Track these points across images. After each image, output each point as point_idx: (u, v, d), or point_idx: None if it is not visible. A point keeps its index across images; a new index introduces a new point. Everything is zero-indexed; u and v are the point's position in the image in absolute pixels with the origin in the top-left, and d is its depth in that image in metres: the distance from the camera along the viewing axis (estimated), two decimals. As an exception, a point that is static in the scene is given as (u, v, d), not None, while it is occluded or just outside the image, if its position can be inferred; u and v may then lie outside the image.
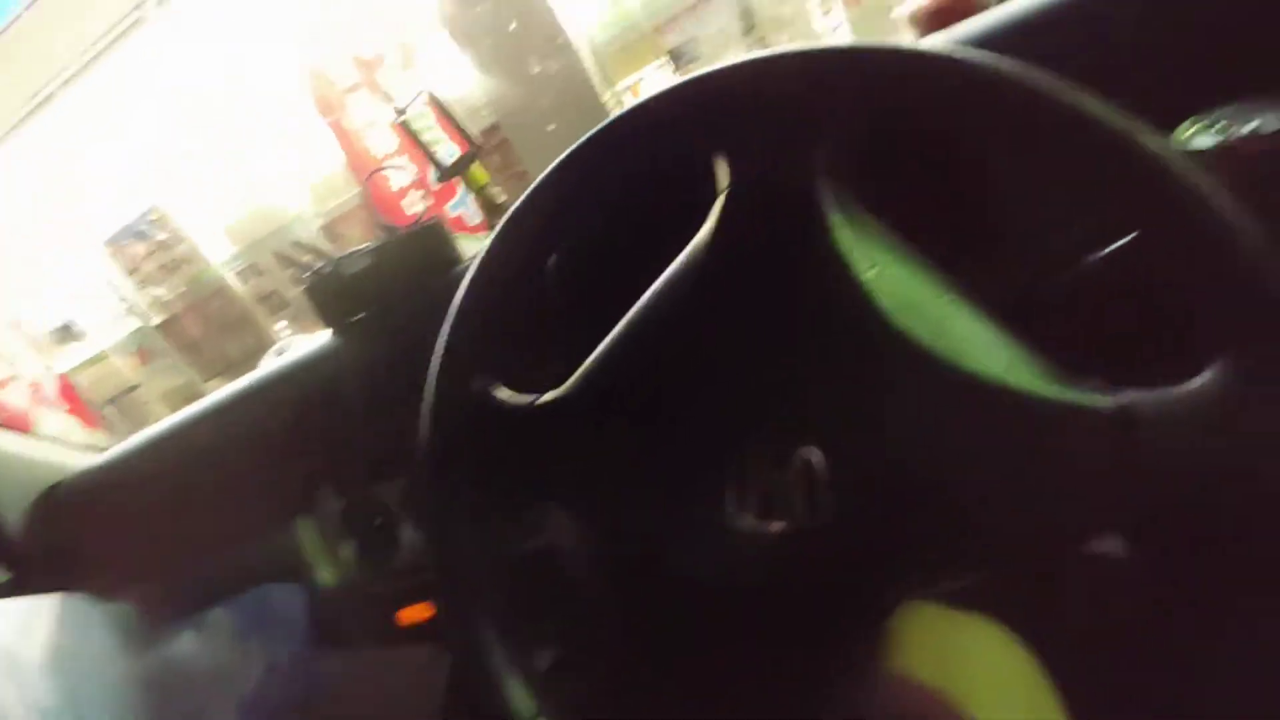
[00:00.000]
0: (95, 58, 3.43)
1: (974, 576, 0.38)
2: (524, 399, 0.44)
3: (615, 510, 0.43)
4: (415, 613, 0.76)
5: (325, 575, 0.78)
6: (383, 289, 0.77)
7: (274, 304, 4.88)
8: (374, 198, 3.04)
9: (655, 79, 3.26)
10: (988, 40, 0.58)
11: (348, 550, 0.79)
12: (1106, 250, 0.44)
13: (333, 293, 0.78)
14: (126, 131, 4.03)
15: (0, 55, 3.26)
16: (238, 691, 0.73)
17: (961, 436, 0.34)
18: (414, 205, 3.11)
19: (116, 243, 4.65)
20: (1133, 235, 0.40)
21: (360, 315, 0.79)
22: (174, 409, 1.03)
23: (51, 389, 4.27)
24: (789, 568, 0.38)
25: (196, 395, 1.18)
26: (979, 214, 0.47)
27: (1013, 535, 0.35)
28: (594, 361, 0.41)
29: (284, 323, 4.90)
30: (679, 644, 0.49)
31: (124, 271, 4.79)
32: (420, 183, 3.10)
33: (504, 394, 0.45)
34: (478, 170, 0.73)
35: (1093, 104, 0.32)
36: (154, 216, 4.56)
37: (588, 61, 3.00)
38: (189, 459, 0.89)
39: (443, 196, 2.96)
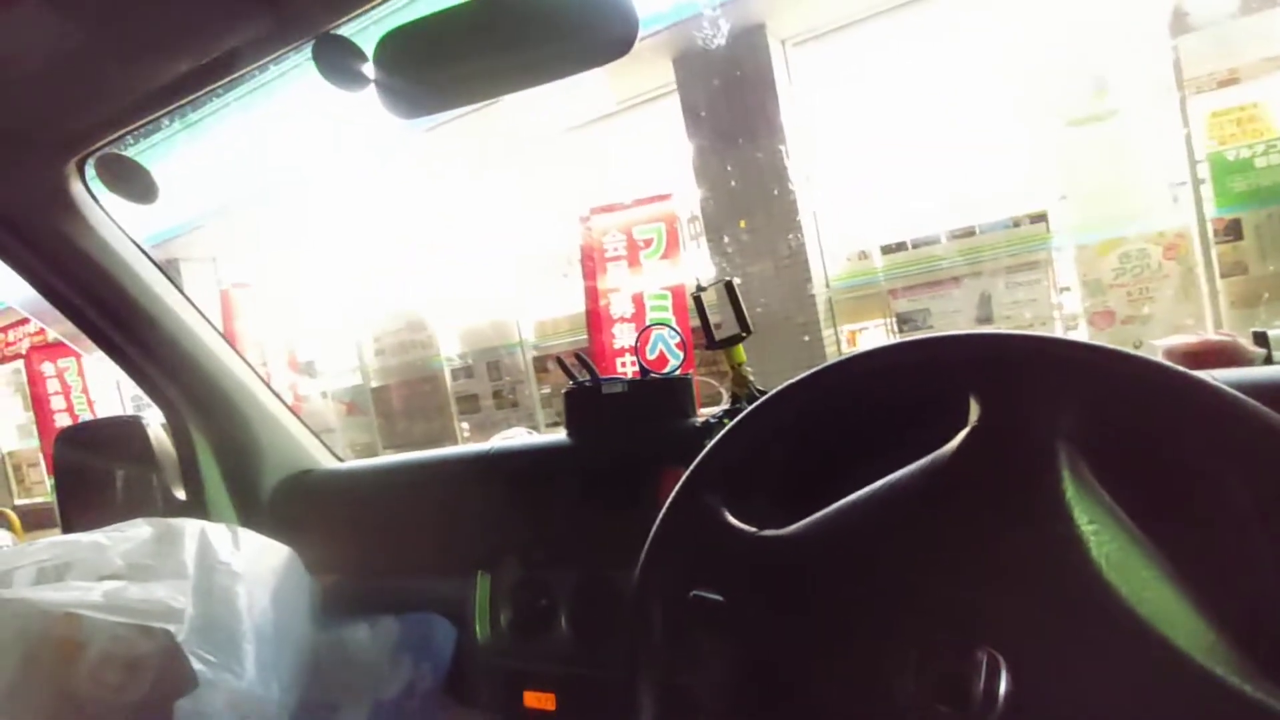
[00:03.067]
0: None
1: None
2: (748, 526, 0.53)
3: (799, 653, 0.48)
4: (540, 699, 0.82)
5: (481, 630, 0.87)
6: (628, 414, 0.91)
7: (468, 406, 5.46)
8: (596, 346, 3.43)
9: (874, 334, 3.47)
10: (1244, 389, 0.63)
11: (507, 618, 0.88)
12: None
13: (586, 403, 0.94)
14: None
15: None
16: (376, 694, 0.82)
17: (1144, 698, 0.37)
18: (625, 367, 3.44)
19: (376, 313, 5.57)
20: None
21: (600, 429, 0.93)
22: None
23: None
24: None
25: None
26: (1199, 527, 0.50)
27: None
28: (824, 516, 0.50)
29: (467, 424, 5.45)
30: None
31: (371, 337, 5.69)
32: (636, 349, 3.44)
33: (731, 518, 0.54)
34: (740, 350, 0.88)
35: None
36: (414, 303, 5.44)
37: (821, 300, 3.29)
38: (413, 489, 1.06)
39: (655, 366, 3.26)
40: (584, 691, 0.80)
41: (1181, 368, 0.43)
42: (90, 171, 0.96)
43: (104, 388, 6.57)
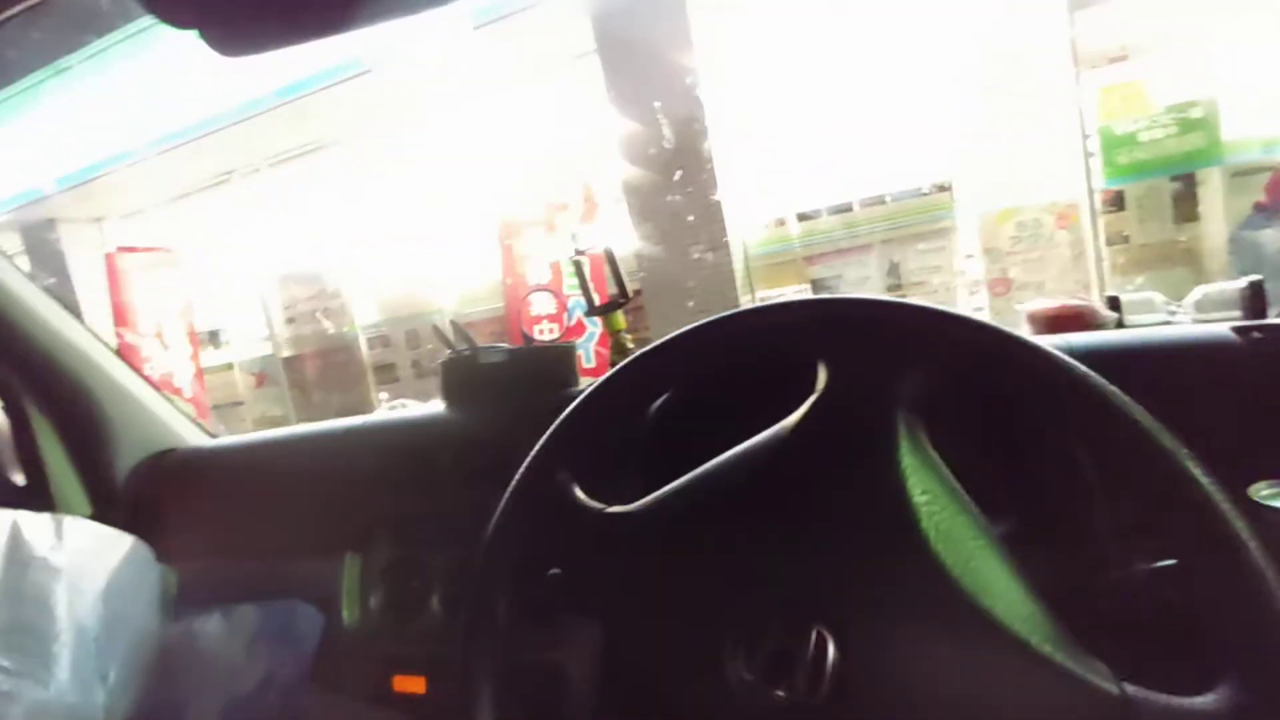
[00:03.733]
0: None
1: None
2: (596, 504, 0.50)
3: (637, 631, 0.47)
4: (410, 683, 0.78)
5: (349, 614, 0.82)
6: (505, 385, 0.87)
7: (385, 375, 5.27)
8: (512, 316, 3.35)
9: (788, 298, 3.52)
10: (1091, 355, 0.65)
11: (378, 599, 0.83)
12: (1150, 566, 0.47)
13: (464, 373, 0.90)
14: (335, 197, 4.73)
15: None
16: (231, 689, 0.76)
17: (964, 667, 0.37)
18: (544, 334, 3.39)
19: (287, 279, 5.27)
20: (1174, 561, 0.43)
21: (477, 400, 0.89)
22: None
23: (188, 378, 4.78)
24: (775, 737, 0.40)
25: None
26: (1040, 495, 0.51)
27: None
28: (667, 493, 0.48)
29: (386, 394, 5.26)
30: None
31: (280, 305, 5.39)
32: (555, 317, 3.39)
33: (580, 495, 0.51)
34: (619, 316, 0.85)
35: (1166, 437, 0.37)
36: (326, 269, 5.18)
37: (739, 265, 3.31)
38: (282, 469, 1.00)
39: (570, 334, 3.23)
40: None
41: (1021, 334, 0.43)
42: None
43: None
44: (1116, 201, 2.91)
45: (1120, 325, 0.78)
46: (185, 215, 5.25)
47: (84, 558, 0.72)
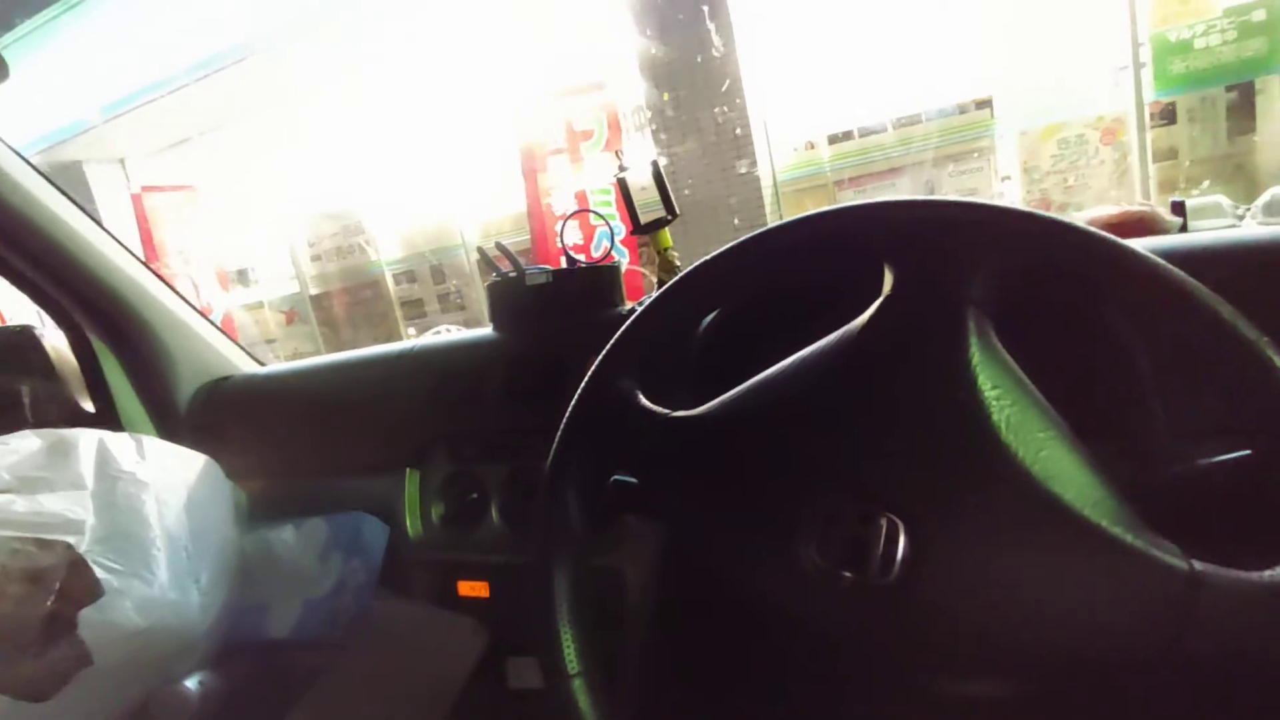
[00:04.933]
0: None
1: (999, 686, 0.41)
2: (660, 408, 0.52)
3: (706, 529, 0.49)
4: (473, 588, 0.83)
5: (411, 526, 0.86)
6: (552, 306, 0.88)
7: (413, 311, 5.32)
8: (538, 246, 3.33)
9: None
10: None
11: (438, 512, 0.87)
12: (1223, 457, 0.47)
13: (510, 296, 0.91)
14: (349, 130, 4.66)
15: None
16: (306, 593, 0.81)
17: (1035, 551, 0.38)
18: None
19: (310, 216, 5.27)
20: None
21: (524, 321, 0.90)
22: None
23: (218, 316, 4.87)
24: (843, 616, 0.42)
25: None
26: (1104, 392, 0.51)
27: (1054, 655, 0.38)
28: (734, 396, 0.49)
29: (413, 330, 5.33)
30: (717, 667, 0.52)
31: (306, 242, 5.41)
32: (582, 247, 3.37)
33: (643, 400, 0.53)
34: (666, 234, 0.85)
35: (1248, 326, 0.37)
36: (350, 205, 5.17)
37: (767, 189, 3.24)
38: (335, 393, 1.03)
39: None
40: (517, 579, 0.81)
41: (1092, 228, 0.42)
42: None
43: (16, 306, 6.17)
44: (1167, 114, 2.76)
45: (1185, 230, 0.76)
46: (208, 153, 5.23)
47: (164, 473, 0.76)
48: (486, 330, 0.94)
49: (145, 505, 0.69)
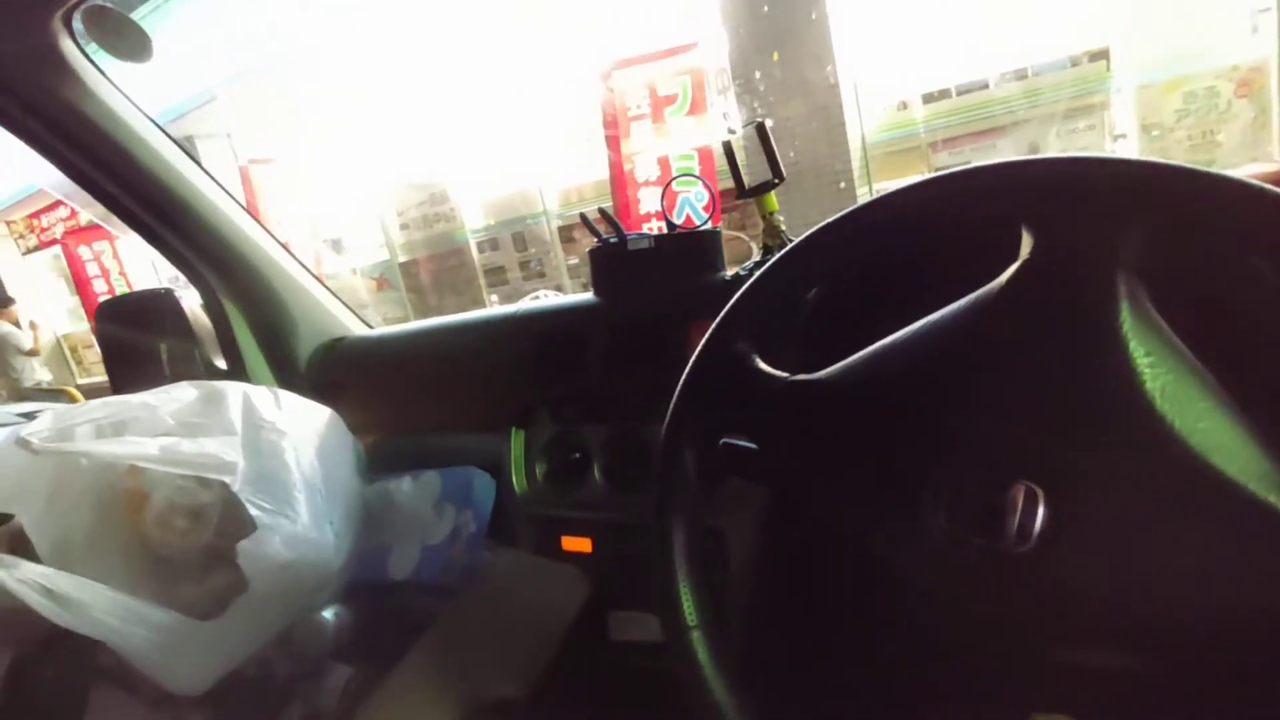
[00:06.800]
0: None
1: (1127, 660, 0.40)
2: (779, 372, 0.52)
3: (826, 493, 0.49)
4: (577, 543, 0.86)
5: (518, 482, 0.90)
6: (653, 269, 0.89)
7: (495, 278, 5.46)
8: (621, 213, 3.33)
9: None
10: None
11: (542, 470, 0.91)
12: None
13: (611, 261, 0.92)
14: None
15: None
16: (423, 539, 0.87)
17: (1190, 526, 0.37)
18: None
19: (398, 187, 5.46)
20: None
21: (625, 286, 0.91)
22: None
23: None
24: (975, 584, 0.42)
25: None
26: (1262, 361, 0.48)
27: (1193, 633, 0.37)
28: (857, 360, 0.48)
29: (496, 297, 5.48)
30: (818, 629, 0.53)
31: (395, 212, 5.62)
32: (662, 215, 3.35)
33: (762, 364, 0.53)
34: (772, 198, 0.84)
35: None
36: (435, 175, 5.32)
37: (855, 154, 3.12)
38: (443, 353, 1.08)
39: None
40: (618, 536, 0.84)
41: (1253, 180, 0.39)
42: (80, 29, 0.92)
43: (142, 268, 6.70)
44: (1317, 61, 2.49)
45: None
46: (305, 128, 5.47)
47: (297, 424, 0.82)
48: (588, 295, 0.96)
49: (285, 452, 0.75)
